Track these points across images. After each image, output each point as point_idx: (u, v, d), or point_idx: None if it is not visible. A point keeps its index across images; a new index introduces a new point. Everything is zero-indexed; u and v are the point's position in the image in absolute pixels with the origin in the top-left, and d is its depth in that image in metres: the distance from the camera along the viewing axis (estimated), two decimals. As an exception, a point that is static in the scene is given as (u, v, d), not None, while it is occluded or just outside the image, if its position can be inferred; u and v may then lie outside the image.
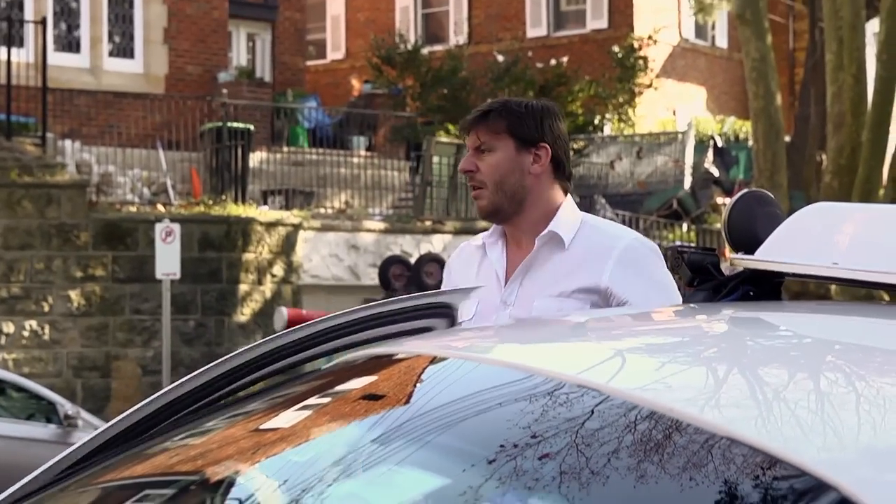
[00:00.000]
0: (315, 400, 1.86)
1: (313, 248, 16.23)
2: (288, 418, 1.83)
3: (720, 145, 22.78)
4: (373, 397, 1.76)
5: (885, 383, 1.37)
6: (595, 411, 1.36)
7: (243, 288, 15.43)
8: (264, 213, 16.11)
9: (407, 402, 1.66)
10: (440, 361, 1.76)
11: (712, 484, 1.18)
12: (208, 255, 15.25)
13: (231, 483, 1.69)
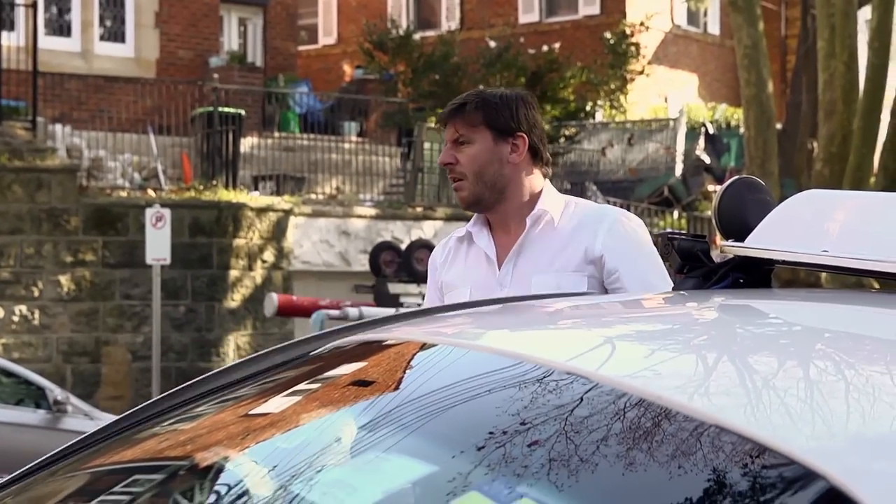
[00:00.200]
0: (304, 385, 1.86)
1: (304, 233, 16.21)
2: (276, 404, 1.82)
3: (711, 132, 22.79)
4: (362, 383, 1.76)
5: (874, 371, 1.37)
6: (584, 399, 1.36)
7: (234, 274, 15.42)
8: (255, 199, 16.08)
9: (396, 389, 1.65)
10: (429, 348, 1.76)
11: (701, 472, 1.18)
12: (199, 241, 15.23)
13: (220, 468, 1.69)
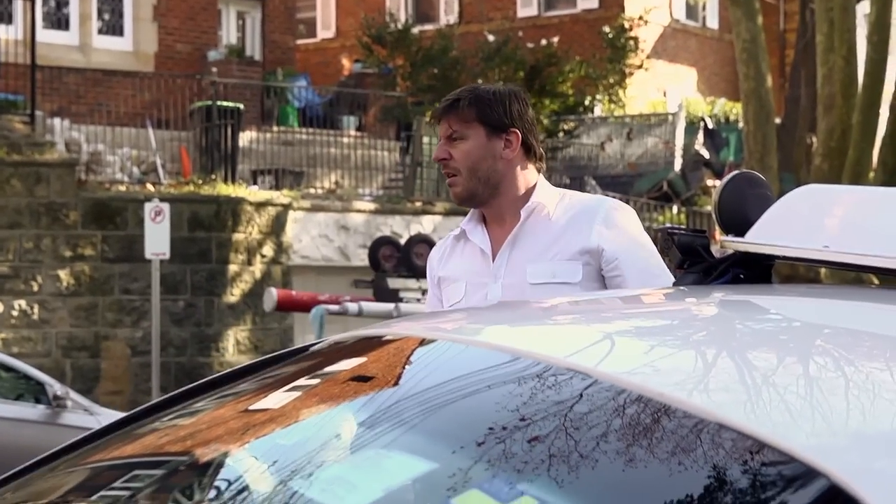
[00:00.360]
0: (303, 381, 1.86)
1: (303, 228, 16.21)
2: (276, 399, 1.82)
3: (710, 127, 22.76)
4: (361, 379, 1.76)
5: (874, 368, 1.37)
6: (583, 395, 1.36)
7: (233, 268, 15.41)
8: (254, 193, 16.07)
9: (395, 385, 1.65)
10: (429, 343, 1.76)
11: (700, 469, 1.18)
12: (198, 235, 15.22)
13: (219, 464, 1.69)
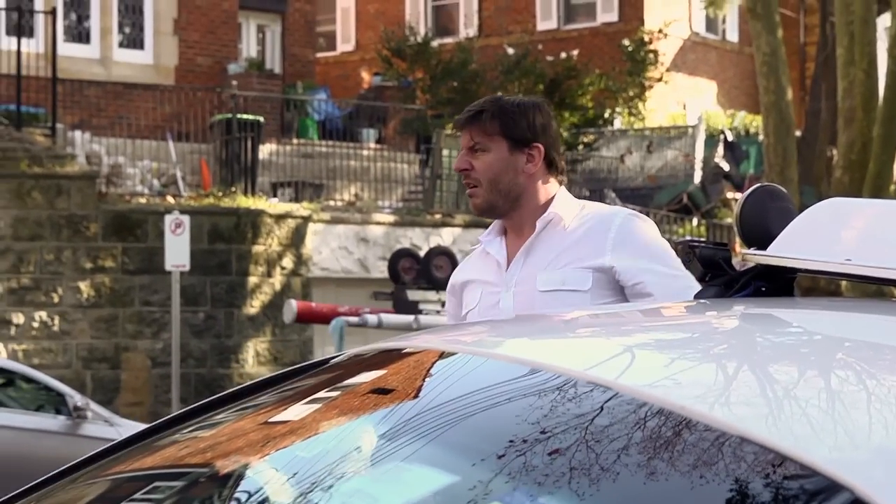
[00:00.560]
0: (323, 394, 1.86)
1: (323, 240, 16.23)
2: (296, 412, 1.82)
3: (730, 140, 22.73)
4: (381, 391, 1.76)
5: (897, 381, 1.36)
6: (604, 408, 1.35)
7: (253, 280, 15.44)
8: (274, 206, 16.11)
9: (415, 397, 1.65)
10: (449, 356, 1.75)
11: (722, 482, 1.17)
12: (218, 247, 15.26)
13: (239, 476, 1.69)
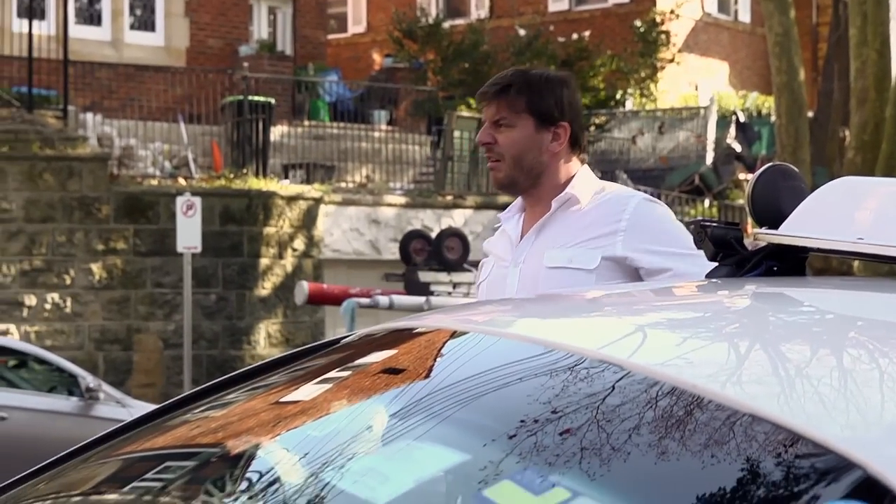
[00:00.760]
0: (335, 373, 1.86)
1: (334, 222, 16.24)
2: (307, 392, 1.82)
3: (742, 121, 22.66)
4: (393, 371, 1.76)
5: (910, 360, 1.36)
6: (616, 387, 1.35)
7: (264, 262, 15.46)
8: (285, 187, 16.11)
9: (427, 377, 1.65)
10: (460, 335, 1.75)
11: (734, 461, 1.17)
12: (229, 229, 15.27)
13: (251, 456, 1.69)
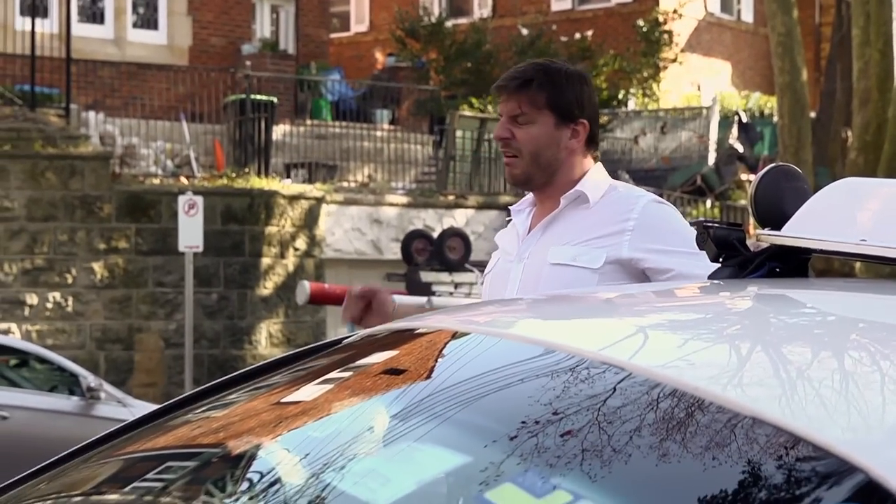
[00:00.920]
0: (336, 374, 1.86)
1: (336, 221, 16.24)
2: (308, 392, 1.82)
3: (745, 121, 22.65)
4: (394, 372, 1.76)
5: (912, 363, 1.35)
6: (617, 388, 1.35)
7: (266, 261, 15.46)
8: (287, 187, 16.12)
9: (428, 377, 1.65)
10: (462, 336, 1.75)
11: (735, 463, 1.17)
12: (231, 228, 15.28)
13: (252, 456, 1.69)
